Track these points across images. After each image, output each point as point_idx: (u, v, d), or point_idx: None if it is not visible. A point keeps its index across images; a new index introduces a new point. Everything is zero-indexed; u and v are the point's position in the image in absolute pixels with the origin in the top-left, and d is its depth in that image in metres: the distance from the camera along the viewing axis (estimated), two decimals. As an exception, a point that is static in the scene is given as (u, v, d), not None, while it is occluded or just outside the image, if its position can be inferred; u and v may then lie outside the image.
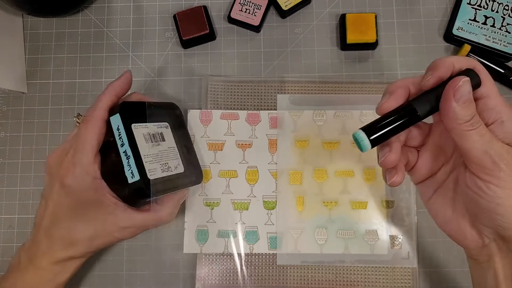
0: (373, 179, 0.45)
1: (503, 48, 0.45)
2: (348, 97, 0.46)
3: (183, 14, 0.46)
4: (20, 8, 0.45)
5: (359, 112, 0.46)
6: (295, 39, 0.48)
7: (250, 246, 0.44)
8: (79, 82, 0.48)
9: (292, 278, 0.44)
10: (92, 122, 0.35)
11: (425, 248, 0.44)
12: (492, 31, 0.46)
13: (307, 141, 0.46)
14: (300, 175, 0.45)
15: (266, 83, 0.47)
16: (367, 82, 0.46)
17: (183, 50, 0.48)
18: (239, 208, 0.45)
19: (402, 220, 0.44)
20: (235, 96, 0.47)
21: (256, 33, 0.48)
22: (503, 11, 0.46)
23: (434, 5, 0.48)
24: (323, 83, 0.47)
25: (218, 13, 0.49)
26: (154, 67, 0.48)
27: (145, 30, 0.49)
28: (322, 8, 0.48)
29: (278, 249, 0.44)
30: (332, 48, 0.48)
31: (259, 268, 0.44)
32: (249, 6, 0.47)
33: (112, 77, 0.48)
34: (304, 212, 0.44)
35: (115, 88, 0.37)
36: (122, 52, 0.48)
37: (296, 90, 0.46)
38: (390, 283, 0.43)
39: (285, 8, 0.47)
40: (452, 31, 0.46)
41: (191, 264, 0.44)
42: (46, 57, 0.48)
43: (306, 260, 0.44)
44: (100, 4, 0.49)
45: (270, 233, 0.44)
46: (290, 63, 0.47)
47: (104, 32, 0.49)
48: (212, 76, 0.47)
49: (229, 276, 0.44)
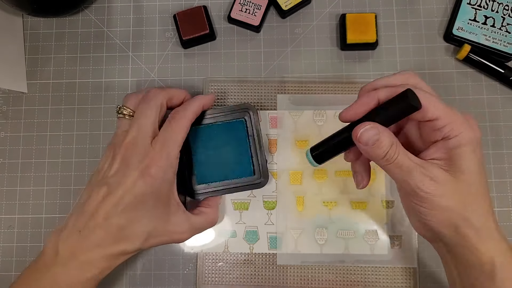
0: (373, 179, 0.45)
1: (503, 48, 0.45)
2: (348, 97, 0.46)
3: (183, 14, 0.46)
4: (20, 8, 0.45)
5: (359, 112, 0.46)
6: (295, 39, 0.48)
7: (250, 246, 0.44)
8: (79, 82, 0.48)
9: (292, 278, 0.44)
10: (183, 120, 0.37)
11: (425, 248, 0.44)
12: (492, 31, 0.46)
13: (307, 141, 0.46)
14: (300, 175, 0.45)
15: (266, 83, 0.47)
16: (367, 82, 0.46)
17: (183, 50, 0.48)
18: (239, 208, 0.45)
19: (402, 220, 0.44)
20: (235, 96, 0.47)
21: (256, 33, 0.48)
22: (503, 11, 0.46)
23: (434, 5, 0.48)
24: (323, 83, 0.47)
25: (218, 13, 0.49)
26: (154, 67, 0.48)
27: (145, 30, 0.49)
28: (322, 8, 0.48)
29: (278, 249, 0.44)
30: (332, 48, 0.48)
31: (259, 268, 0.44)
32: (249, 6, 0.47)
33: (112, 77, 0.48)
34: (304, 212, 0.44)
35: (205, 100, 0.39)
36: (122, 52, 0.48)
37: (296, 90, 0.46)
38: (390, 283, 0.43)
39: (285, 8, 0.47)
40: (452, 31, 0.46)
41: (191, 264, 0.45)
42: (46, 57, 0.48)
43: (306, 260, 0.44)
44: (100, 4, 0.49)
45: (270, 233, 0.44)
46: (290, 63, 0.47)
47: (104, 32, 0.49)
48: (212, 76, 0.47)
49: (229, 276, 0.44)
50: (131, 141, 0.36)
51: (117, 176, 0.35)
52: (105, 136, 0.47)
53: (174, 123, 0.36)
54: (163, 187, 0.35)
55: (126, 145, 0.36)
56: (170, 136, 0.36)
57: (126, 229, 0.34)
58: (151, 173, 0.34)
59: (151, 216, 0.35)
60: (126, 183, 0.34)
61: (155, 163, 0.35)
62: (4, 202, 0.46)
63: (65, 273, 0.33)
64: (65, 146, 0.47)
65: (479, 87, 0.46)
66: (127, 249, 0.35)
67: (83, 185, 0.46)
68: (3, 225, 0.46)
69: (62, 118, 0.47)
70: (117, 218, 0.34)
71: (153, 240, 0.36)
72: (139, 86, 0.47)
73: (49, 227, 0.46)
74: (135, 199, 0.34)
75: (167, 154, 0.35)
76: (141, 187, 0.34)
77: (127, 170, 0.35)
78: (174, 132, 0.36)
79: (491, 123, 0.46)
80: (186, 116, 0.37)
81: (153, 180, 0.34)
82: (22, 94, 0.48)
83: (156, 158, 0.35)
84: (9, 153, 0.47)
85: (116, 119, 0.42)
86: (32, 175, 0.47)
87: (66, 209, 0.46)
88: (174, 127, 0.36)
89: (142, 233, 0.35)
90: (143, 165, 0.35)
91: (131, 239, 0.34)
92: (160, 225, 0.35)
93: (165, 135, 0.36)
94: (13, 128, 0.47)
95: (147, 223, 0.35)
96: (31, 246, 0.45)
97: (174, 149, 0.36)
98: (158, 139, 0.36)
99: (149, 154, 0.35)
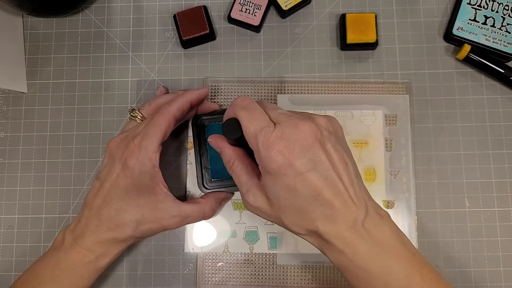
0: (373, 179, 0.45)
1: (503, 48, 0.45)
2: (348, 97, 0.46)
3: (183, 14, 0.46)
4: (20, 8, 0.45)
5: (359, 112, 0.46)
6: (295, 39, 0.48)
7: (250, 246, 0.44)
8: (79, 82, 0.48)
9: (292, 278, 0.44)
10: (166, 116, 0.38)
11: (424, 248, 0.44)
12: (492, 31, 0.46)
13: (307, 141, 0.46)
14: (300, 175, 0.45)
15: (266, 83, 0.47)
16: (367, 82, 0.46)
17: (183, 50, 0.48)
18: (239, 208, 0.45)
19: (402, 220, 0.44)
20: (235, 96, 0.47)
21: (256, 33, 0.48)
22: (503, 11, 0.46)
23: (434, 5, 0.48)
24: (323, 83, 0.47)
25: (218, 13, 0.49)
26: (154, 67, 0.48)
27: (145, 30, 0.49)
28: (322, 8, 0.48)
29: (278, 249, 0.44)
30: (332, 48, 0.48)
31: (259, 268, 0.44)
32: (249, 6, 0.47)
33: (112, 77, 0.48)
34: (304, 212, 0.44)
35: (192, 95, 0.40)
36: (122, 52, 0.48)
37: (296, 90, 0.46)
38: (390, 283, 0.43)
39: (285, 8, 0.47)
40: (452, 31, 0.46)
41: (192, 263, 0.45)
42: (46, 57, 0.48)
43: (306, 260, 0.44)
44: (100, 4, 0.49)
45: (270, 233, 0.44)
46: (290, 63, 0.47)
47: (104, 32, 0.49)
48: (212, 76, 0.47)
49: (229, 276, 0.44)
50: (119, 137, 0.39)
51: (106, 170, 0.38)
52: (105, 136, 0.47)
53: (156, 118, 0.38)
54: (143, 179, 0.37)
55: (115, 141, 0.39)
56: (149, 130, 0.37)
57: (115, 218, 0.37)
58: (129, 166, 0.36)
59: (137, 205, 0.37)
60: (112, 176, 0.37)
61: (133, 156, 0.36)
62: (4, 202, 0.46)
63: (67, 257, 0.37)
64: (65, 146, 0.47)
65: (479, 87, 0.46)
66: (118, 236, 0.37)
67: (83, 185, 0.46)
68: (3, 225, 0.46)
69: (62, 118, 0.47)
70: (107, 209, 0.37)
71: (143, 227, 0.38)
72: (139, 86, 0.47)
73: (49, 227, 0.46)
74: (119, 190, 0.37)
75: (145, 148, 0.36)
76: (122, 179, 0.37)
77: (113, 164, 0.38)
78: (154, 127, 0.37)
79: (491, 123, 0.46)
80: (169, 112, 0.38)
81: (131, 172, 0.37)
82: (22, 94, 0.48)
83: (135, 151, 0.37)
84: (9, 153, 0.47)
85: (116, 119, 0.42)
86: (32, 175, 0.47)
87: (66, 209, 0.46)
88: (154, 122, 0.37)
89: (130, 221, 0.37)
90: (123, 158, 0.37)
91: (121, 227, 0.37)
92: (148, 213, 0.37)
93: (146, 130, 0.37)
94: (13, 128, 0.47)
95: (134, 211, 0.37)
96: (31, 246, 0.45)
97: (152, 143, 0.37)
98: (140, 133, 0.37)
99: (129, 147, 0.37)
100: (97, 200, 0.37)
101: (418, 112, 0.46)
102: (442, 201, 0.45)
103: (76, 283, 0.37)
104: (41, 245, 0.45)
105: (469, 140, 0.45)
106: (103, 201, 0.37)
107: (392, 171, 0.45)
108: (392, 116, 0.46)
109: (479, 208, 0.44)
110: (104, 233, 0.37)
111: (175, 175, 0.46)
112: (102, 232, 0.37)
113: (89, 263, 0.37)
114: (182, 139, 0.46)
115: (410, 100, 0.46)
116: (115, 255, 0.38)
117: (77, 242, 0.37)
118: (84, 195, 0.46)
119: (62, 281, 0.36)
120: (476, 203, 0.44)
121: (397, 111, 0.46)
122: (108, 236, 0.37)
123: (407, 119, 0.46)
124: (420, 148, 0.45)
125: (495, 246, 0.44)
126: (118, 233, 0.37)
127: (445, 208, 0.44)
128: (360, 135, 0.45)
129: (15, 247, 0.46)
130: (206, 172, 0.43)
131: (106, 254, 0.37)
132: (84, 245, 0.37)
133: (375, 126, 0.46)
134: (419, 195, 0.45)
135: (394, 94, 0.46)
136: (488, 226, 0.44)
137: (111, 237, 0.37)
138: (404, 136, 0.45)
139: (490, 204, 0.44)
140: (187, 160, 0.46)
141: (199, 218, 0.40)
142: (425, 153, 0.45)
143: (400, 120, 0.46)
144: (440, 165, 0.45)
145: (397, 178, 0.45)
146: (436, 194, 0.45)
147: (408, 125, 0.45)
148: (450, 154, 0.45)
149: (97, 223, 0.37)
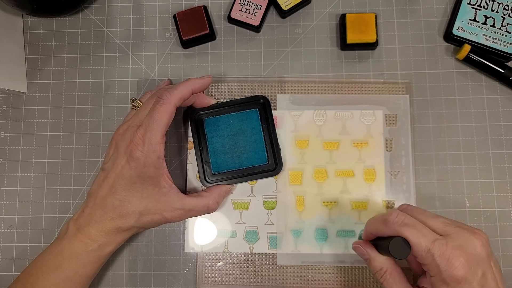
0: (373, 179, 0.45)
1: (503, 48, 0.45)
2: (348, 97, 0.46)
3: (183, 14, 0.46)
4: (20, 8, 0.45)
5: (359, 112, 0.46)
6: (295, 39, 0.48)
7: (250, 246, 0.44)
8: (79, 82, 0.48)
9: (292, 278, 0.44)
10: (167, 105, 0.37)
11: (425, 248, 0.44)
12: (492, 31, 0.46)
13: (307, 141, 0.46)
14: (300, 175, 0.45)
15: (266, 83, 0.47)
16: (367, 82, 0.46)
17: (183, 50, 0.48)
18: (239, 208, 0.45)
19: (402, 220, 0.44)
20: (235, 96, 0.47)
21: (256, 33, 0.48)
22: (503, 11, 0.46)
23: (434, 5, 0.48)
24: (323, 83, 0.47)
25: (218, 13, 0.49)
26: (154, 67, 0.48)
27: (145, 30, 0.49)
28: (322, 8, 0.48)
29: (278, 249, 0.44)
30: (332, 48, 0.48)
31: (259, 268, 0.44)
32: (249, 6, 0.47)
33: (112, 77, 0.48)
34: (304, 212, 0.44)
35: (194, 84, 0.40)
36: (122, 52, 0.48)
37: (296, 90, 0.46)
38: (390, 283, 0.43)
39: (285, 8, 0.47)
40: (452, 31, 0.46)
41: (192, 263, 0.45)
42: (46, 57, 0.48)
43: (306, 260, 0.44)
44: (100, 4, 0.49)
45: (270, 233, 0.44)
46: (290, 63, 0.47)
47: (104, 32, 0.49)
48: (212, 76, 0.47)
49: (229, 276, 0.44)
50: (122, 128, 0.40)
51: (111, 161, 0.39)
52: (105, 136, 0.47)
53: (157, 109, 0.37)
54: (148, 170, 0.37)
55: (119, 133, 0.40)
56: (152, 122, 0.37)
57: (119, 208, 0.37)
58: (134, 158, 0.37)
59: (141, 196, 0.38)
60: (117, 168, 0.38)
61: (137, 148, 0.37)
62: (4, 202, 0.46)
63: (70, 245, 0.37)
64: (65, 146, 0.47)
65: (479, 87, 0.46)
66: (121, 226, 0.38)
67: (83, 185, 0.46)
68: (3, 225, 0.46)
69: (62, 118, 0.47)
70: (111, 199, 0.38)
71: (145, 218, 0.38)
72: (139, 86, 0.47)
73: (49, 227, 0.46)
74: (124, 181, 0.37)
75: (148, 140, 0.37)
76: (127, 170, 0.37)
77: (118, 156, 0.38)
78: (156, 119, 0.37)
79: (491, 123, 0.46)
80: (170, 101, 0.38)
81: (136, 164, 0.37)
82: (22, 94, 0.48)
83: (139, 143, 0.37)
84: (9, 153, 0.47)
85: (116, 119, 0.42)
86: (32, 175, 0.47)
87: (66, 209, 0.46)
88: (156, 113, 0.37)
89: (133, 212, 0.38)
90: (128, 150, 0.37)
91: (124, 217, 0.38)
92: (151, 205, 0.38)
93: (148, 121, 0.37)
94: (13, 128, 0.47)
95: (138, 203, 0.38)
96: (31, 246, 0.45)
97: (155, 135, 0.37)
98: (143, 125, 0.37)
99: (133, 140, 0.37)
100: (102, 190, 0.38)
101: (418, 112, 0.46)
102: (442, 201, 0.45)
103: (79, 271, 0.37)
104: (41, 245, 0.45)
105: (469, 140, 0.45)
106: (108, 191, 0.38)
107: (392, 171, 0.45)
108: (392, 116, 0.46)
109: (479, 208, 0.44)
110: (107, 222, 0.37)
111: (175, 175, 0.46)
112: (105, 222, 0.37)
113: (92, 251, 0.37)
114: (182, 139, 0.46)
115: (410, 100, 0.46)
116: (118, 244, 0.39)
117: (80, 232, 0.37)
118: (84, 195, 0.46)
119: (65, 269, 0.37)
120: (476, 203, 0.44)
121: (397, 111, 0.46)
122: (111, 226, 0.37)
123: (407, 119, 0.46)
124: (420, 148, 0.45)
125: (495, 246, 0.44)
126: (121, 223, 0.38)
127: (445, 208, 0.44)
128: (360, 135, 0.45)
129: (15, 247, 0.46)
130: (207, 166, 0.43)
131: (109, 243, 0.38)
132: (87, 234, 0.37)
133: (375, 126, 0.46)
134: (419, 195, 0.45)
135: (394, 94, 0.46)
136: (488, 226, 0.44)
137: (114, 226, 0.37)
138: (404, 136, 0.45)
139: (490, 204, 0.44)
140: (187, 160, 0.46)
141: (203, 212, 0.41)
142: (425, 153, 0.45)
143: (400, 120, 0.46)
144: (440, 165, 0.45)
145: (397, 178, 0.45)
146: (436, 194, 0.45)
147: (408, 125, 0.45)
148: (450, 154, 0.45)
149: (101, 213, 0.37)
